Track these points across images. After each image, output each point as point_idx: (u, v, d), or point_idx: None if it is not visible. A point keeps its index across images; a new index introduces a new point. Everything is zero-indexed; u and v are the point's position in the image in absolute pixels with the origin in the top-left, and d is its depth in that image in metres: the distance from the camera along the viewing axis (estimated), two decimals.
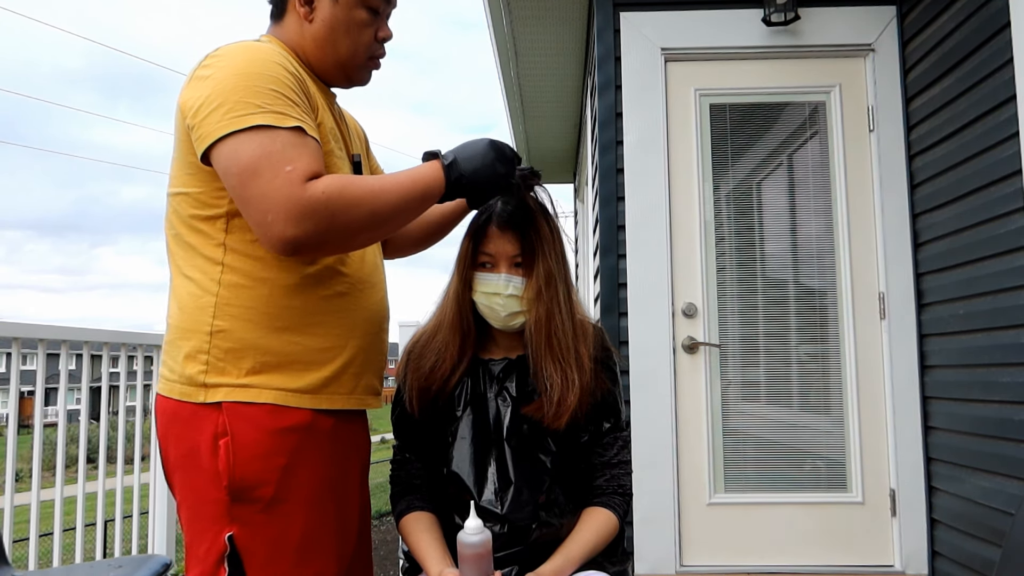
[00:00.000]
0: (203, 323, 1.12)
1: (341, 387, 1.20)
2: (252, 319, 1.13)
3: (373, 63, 1.29)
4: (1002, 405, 2.23)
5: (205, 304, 1.13)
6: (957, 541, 2.51)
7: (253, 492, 1.10)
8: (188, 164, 1.12)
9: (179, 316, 1.15)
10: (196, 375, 1.12)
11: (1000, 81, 2.23)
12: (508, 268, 1.33)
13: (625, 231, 2.86)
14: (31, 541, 2.34)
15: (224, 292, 1.13)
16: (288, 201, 1.00)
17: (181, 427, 1.13)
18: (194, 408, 1.12)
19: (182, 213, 1.15)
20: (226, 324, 1.12)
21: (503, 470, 1.33)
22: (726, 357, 2.86)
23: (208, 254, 1.14)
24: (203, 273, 1.13)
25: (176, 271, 1.17)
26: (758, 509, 2.78)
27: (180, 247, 1.16)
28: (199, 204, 1.13)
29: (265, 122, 1.04)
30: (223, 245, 1.14)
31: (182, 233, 1.16)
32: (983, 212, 2.32)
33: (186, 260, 1.15)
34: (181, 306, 1.15)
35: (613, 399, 1.40)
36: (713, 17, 2.92)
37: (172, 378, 1.15)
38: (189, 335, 1.13)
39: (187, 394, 1.13)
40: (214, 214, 1.13)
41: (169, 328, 1.18)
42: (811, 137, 2.94)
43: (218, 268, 1.13)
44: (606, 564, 1.37)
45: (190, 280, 1.14)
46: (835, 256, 2.88)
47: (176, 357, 1.14)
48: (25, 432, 13.53)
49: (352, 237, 1.08)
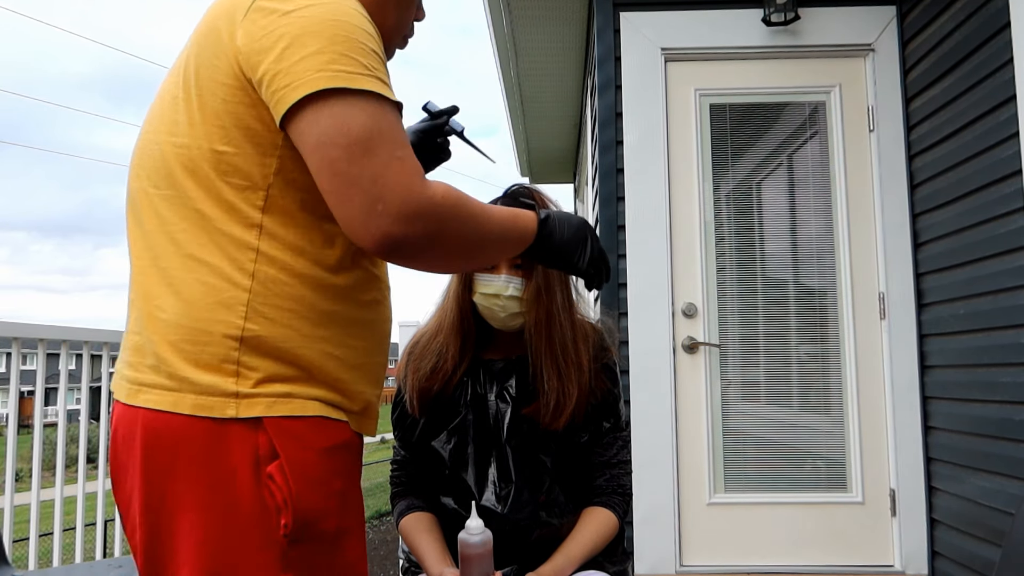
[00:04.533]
0: (229, 324, 0.87)
1: (373, 411, 1.02)
2: (291, 325, 0.89)
3: (404, 42, 1.16)
4: (1002, 405, 2.23)
5: (231, 300, 0.87)
6: (957, 541, 2.51)
7: (316, 527, 0.88)
8: (227, 114, 0.88)
9: (182, 310, 0.87)
10: (222, 383, 0.86)
11: (1000, 81, 2.23)
12: (508, 269, 1.33)
13: (625, 231, 2.86)
14: (31, 541, 2.34)
15: (258, 287, 0.88)
16: (406, 193, 0.82)
17: (198, 450, 0.85)
18: (219, 425, 0.85)
19: (202, 173, 0.88)
20: (260, 329, 0.88)
21: (503, 470, 1.33)
22: (726, 357, 2.86)
23: (237, 235, 0.88)
24: (228, 259, 0.88)
25: (172, 249, 0.89)
26: (758, 509, 2.78)
27: (188, 218, 0.89)
28: (231, 169, 0.88)
29: (376, 89, 0.84)
30: (259, 227, 0.89)
31: (196, 200, 0.88)
32: (983, 212, 2.32)
33: (198, 237, 0.88)
34: (186, 297, 0.88)
35: (613, 399, 1.40)
36: (713, 17, 2.92)
37: (173, 386, 0.87)
38: (204, 337, 0.87)
39: (208, 407, 0.85)
40: (251, 184, 0.88)
41: (156, 323, 0.89)
42: (811, 137, 2.94)
43: (250, 255, 0.88)
44: (606, 564, 1.38)
45: (204, 265, 0.88)
46: (835, 256, 2.88)
47: (177, 361, 0.87)
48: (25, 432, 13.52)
49: (450, 256, 0.91)
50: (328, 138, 0.82)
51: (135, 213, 0.94)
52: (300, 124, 0.83)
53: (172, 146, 0.90)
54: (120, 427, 0.92)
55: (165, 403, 0.87)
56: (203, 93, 0.89)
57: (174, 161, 0.90)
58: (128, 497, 0.92)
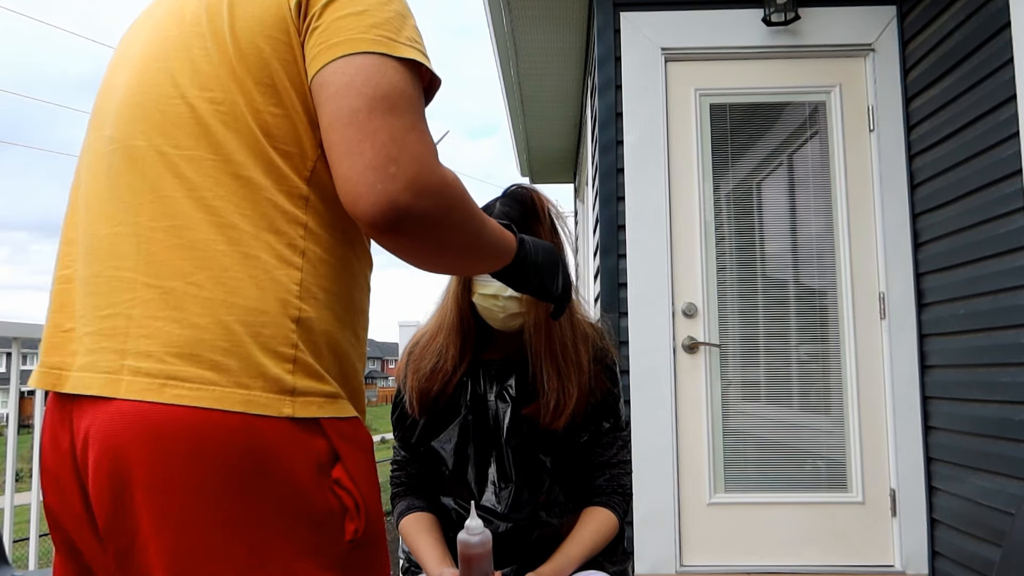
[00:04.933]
0: (286, 304, 0.76)
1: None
2: (332, 310, 0.81)
3: None
4: (1002, 405, 2.23)
5: (285, 278, 0.77)
6: (957, 541, 2.51)
7: (375, 528, 0.82)
8: (276, 72, 0.80)
9: (228, 287, 0.75)
10: (278, 373, 0.74)
11: (1000, 81, 2.23)
12: None
13: (625, 231, 2.86)
14: (31, 541, 2.35)
15: (307, 266, 0.79)
16: (423, 163, 0.75)
17: (251, 456, 0.72)
18: (277, 426, 0.73)
19: (248, 134, 0.78)
20: (312, 311, 0.78)
21: (503, 470, 1.33)
22: (726, 357, 2.86)
23: (286, 207, 0.78)
24: (276, 232, 0.77)
25: (205, 218, 0.76)
26: (758, 509, 2.78)
27: (227, 185, 0.77)
28: (280, 133, 0.79)
29: (417, 58, 0.80)
30: (305, 200, 0.80)
31: (240, 164, 0.77)
32: (983, 212, 2.32)
33: (240, 206, 0.77)
34: (232, 273, 0.75)
35: (613, 399, 1.40)
36: (713, 17, 2.92)
37: (215, 379, 0.72)
38: (261, 318, 0.75)
39: (263, 404, 0.73)
40: (299, 151, 0.80)
41: (191, 302, 0.74)
42: (811, 137, 2.94)
43: (299, 230, 0.79)
44: (606, 564, 1.38)
45: (252, 238, 0.76)
46: (835, 256, 2.88)
47: (224, 346, 0.74)
48: (25, 432, 13.50)
49: (443, 246, 0.83)
50: (353, 87, 0.75)
51: (135, 174, 0.79)
52: (325, 74, 0.77)
53: (207, 102, 0.78)
54: (107, 436, 0.72)
55: (207, 399, 0.71)
56: (242, 44, 0.80)
57: (212, 119, 0.78)
58: (123, 533, 0.73)
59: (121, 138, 0.81)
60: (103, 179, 0.82)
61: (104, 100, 0.88)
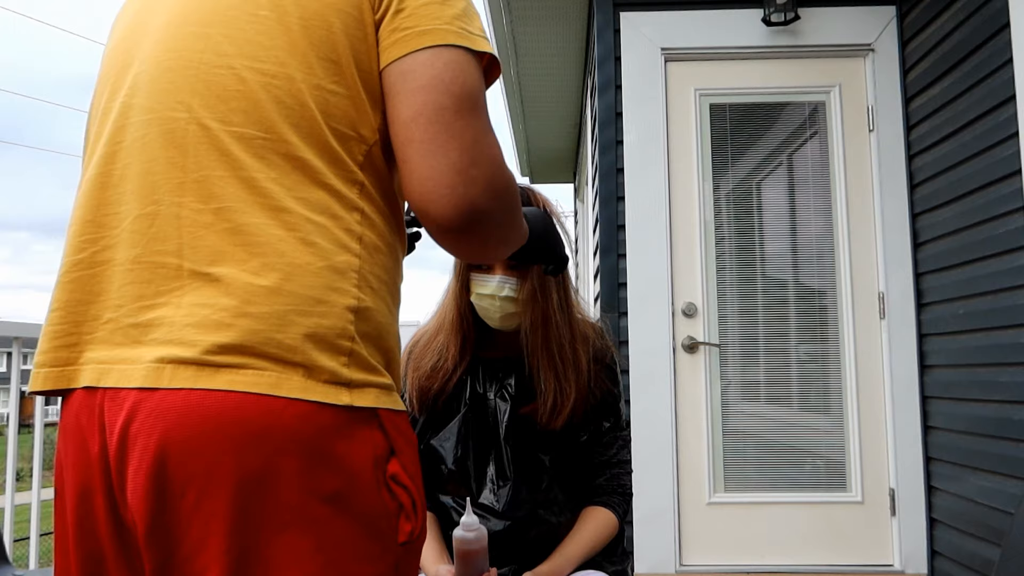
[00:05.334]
0: (344, 293, 0.71)
1: None
2: (384, 300, 0.77)
3: None
4: (1002, 405, 2.23)
5: (343, 265, 0.72)
6: (957, 540, 2.51)
7: (424, 534, 0.78)
8: (343, 48, 0.75)
9: (284, 273, 0.69)
10: (335, 364, 0.70)
11: (1000, 81, 2.23)
12: (504, 270, 1.32)
13: (625, 231, 2.86)
14: (32, 540, 2.35)
15: (364, 254, 0.75)
16: (499, 166, 0.75)
17: (310, 446, 0.67)
18: (335, 416, 0.69)
19: (306, 113, 0.73)
20: (369, 301, 0.74)
21: (501, 468, 1.34)
22: (726, 357, 2.87)
23: (342, 191, 0.74)
24: (333, 218, 0.73)
25: (256, 200, 0.71)
26: (758, 509, 2.78)
27: (280, 166, 0.71)
28: (339, 114, 0.74)
29: (493, 52, 0.79)
30: (360, 185, 0.75)
31: (295, 145, 0.72)
32: (983, 212, 2.32)
33: (295, 190, 0.72)
34: (289, 259, 0.70)
35: (613, 399, 1.40)
36: (713, 17, 2.92)
37: (271, 366, 0.67)
38: (319, 307, 0.70)
39: (322, 392, 0.69)
40: (356, 135, 0.75)
41: (242, 288, 0.68)
42: (811, 137, 2.94)
43: (356, 216, 0.75)
44: (605, 564, 1.38)
45: (308, 222, 0.72)
46: (835, 256, 2.88)
47: (279, 335, 0.68)
48: (26, 431, 13.56)
49: (500, 244, 0.83)
50: (442, 83, 0.73)
51: (174, 148, 0.72)
52: (411, 63, 0.74)
53: (260, 75, 0.73)
54: (152, 431, 0.65)
55: (263, 384, 0.66)
56: (309, 16, 0.75)
57: (264, 94, 0.72)
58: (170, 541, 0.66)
59: (156, 108, 0.74)
60: (134, 152, 0.74)
61: (122, 64, 0.79)
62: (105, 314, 0.71)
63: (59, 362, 0.73)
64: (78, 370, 0.72)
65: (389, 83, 0.75)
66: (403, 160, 0.73)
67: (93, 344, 0.71)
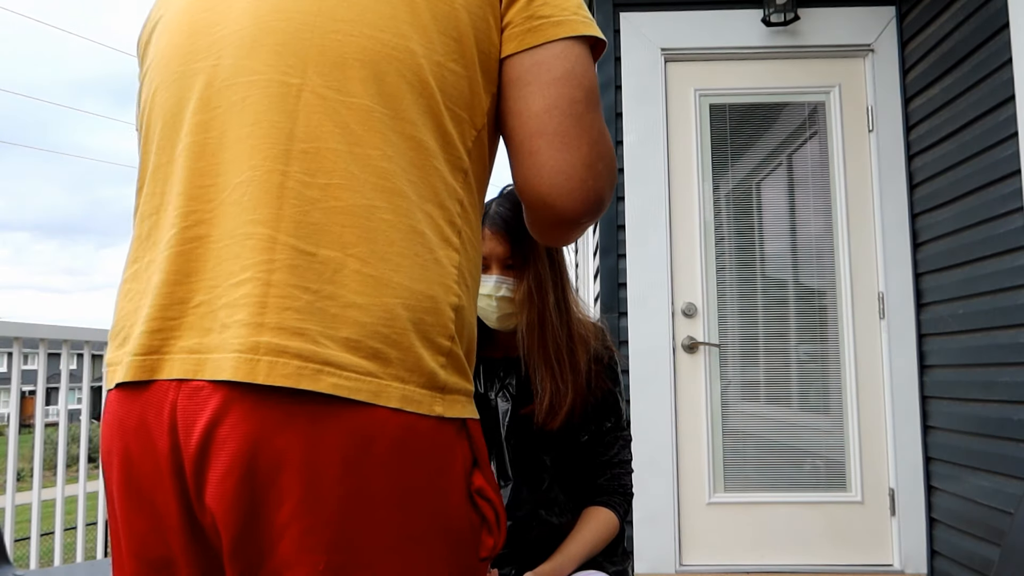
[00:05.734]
0: (448, 289, 0.67)
1: None
2: (474, 300, 0.72)
3: None
4: (1002, 405, 2.24)
5: (446, 260, 0.67)
6: (956, 540, 2.51)
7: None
8: (467, 27, 0.70)
9: (394, 264, 0.64)
10: (436, 372, 0.65)
11: (999, 81, 2.23)
12: (500, 270, 1.32)
13: (625, 231, 2.87)
14: (32, 540, 2.35)
15: (463, 248, 0.70)
16: (613, 158, 0.75)
17: (409, 459, 0.63)
18: (430, 426, 0.64)
19: (426, 90, 0.68)
20: (465, 300, 0.69)
21: (502, 468, 1.34)
22: (726, 357, 2.87)
23: (448, 178, 0.69)
24: (439, 206, 0.68)
25: (370, 180, 0.64)
26: (758, 508, 2.79)
27: (395, 144, 0.66)
28: (457, 94, 0.70)
29: (602, 38, 0.76)
30: (465, 173, 0.71)
31: (412, 122, 0.66)
32: (982, 212, 2.32)
33: (408, 170, 0.66)
34: (398, 248, 0.64)
35: (614, 399, 1.40)
36: (713, 17, 2.92)
37: (374, 370, 0.62)
38: (426, 303, 0.65)
39: (416, 401, 0.63)
40: (470, 119, 0.71)
41: (354, 278, 0.62)
42: (811, 137, 2.94)
43: (458, 207, 0.69)
44: (606, 564, 1.38)
45: (417, 208, 0.66)
46: (835, 256, 2.88)
47: (390, 334, 0.62)
48: (26, 432, 13.58)
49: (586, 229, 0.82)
50: (575, 76, 0.71)
51: (282, 113, 0.65)
52: (545, 55, 0.71)
53: (382, 45, 0.67)
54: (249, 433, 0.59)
55: (365, 392, 0.61)
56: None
57: (388, 66, 0.66)
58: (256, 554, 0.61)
59: (261, 70, 0.67)
60: (232, 116, 0.67)
61: (203, 24, 0.72)
62: (195, 296, 0.64)
63: (145, 350, 0.65)
64: (162, 360, 0.64)
65: (518, 72, 0.72)
66: (530, 151, 0.71)
67: (180, 331, 0.64)
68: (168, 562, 0.65)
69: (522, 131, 0.72)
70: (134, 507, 0.64)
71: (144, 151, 0.74)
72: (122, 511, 0.65)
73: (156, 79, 0.73)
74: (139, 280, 0.69)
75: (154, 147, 0.72)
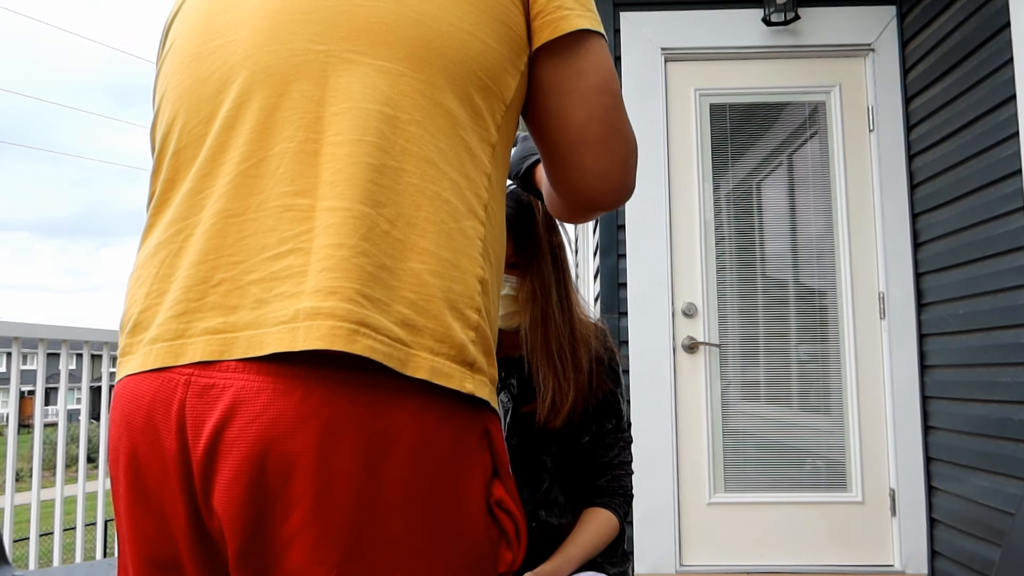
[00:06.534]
0: (474, 260, 0.64)
1: None
2: (497, 278, 0.70)
3: None
4: (1002, 405, 2.23)
5: (471, 231, 0.65)
6: (957, 541, 2.51)
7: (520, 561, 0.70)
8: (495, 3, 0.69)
9: (423, 230, 0.61)
10: (467, 345, 0.61)
11: (1000, 81, 2.23)
12: (504, 269, 1.32)
13: (625, 231, 2.87)
14: (31, 541, 2.35)
15: (488, 223, 0.68)
16: (636, 143, 0.78)
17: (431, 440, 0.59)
18: (458, 408, 0.61)
19: (464, 63, 0.66)
20: (489, 276, 0.67)
21: None
22: (726, 357, 2.87)
23: (475, 149, 0.67)
24: (467, 178, 0.66)
25: (395, 136, 0.62)
26: (758, 509, 2.78)
27: (427, 110, 0.64)
28: (488, 67, 0.68)
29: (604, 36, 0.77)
30: (493, 148, 0.70)
31: (443, 92, 0.65)
32: (983, 212, 2.32)
33: (437, 139, 0.64)
34: (426, 214, 0.62)
35: (615, 400, 1.40)
36: (713, 17, 2.92)
37: (404, 337, 0.58)
38: (453, 272, 0.62)
39: (446, 374, 0.59)
40: (499, 94, 0.70)
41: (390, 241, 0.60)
42: (811, 137, 2.94)
43: (485, 181, 0.68)
44: (606, 565, 1.38)
45: (445, 177, 0.64)
46: (835, 256, 2.88)
47: (421, 300, 0.60)
48: (25, 432, 13.57)
49: None
50: (607, 84, 0.74)
51: (310, 81, 0.63)
52: (577, 60, 0.72)
53: (411, 10, 0.66)
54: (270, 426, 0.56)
55: (395, 359, 0.57)
56: None
57: (416, 32, 0.66)
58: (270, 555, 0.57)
59: (287, 39, 0.65)
60: (256, 87, 0.65)
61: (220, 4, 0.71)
62: (216, 275, 0.61)
63: (171, 335, 0.61)
64: (185, 345, 0.60)
65: (557, 81, 0.73)
66: (573, 158, 0.74)
67: (202, 312, 0.60)
68: (175, 563, 0.62)
69: (564, 138, 0.74)
70: (141, 507, 0.62)
71: (163, 135, 0.72)
72: (129, 511, 0.63)
73: (176, 60, 0.72)
74: (149, 265, 0.66)
75: (173, 130, 0.70)
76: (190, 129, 0.67)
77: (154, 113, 0.76)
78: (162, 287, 0.64)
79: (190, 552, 0.61)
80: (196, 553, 0.61)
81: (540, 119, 0.75)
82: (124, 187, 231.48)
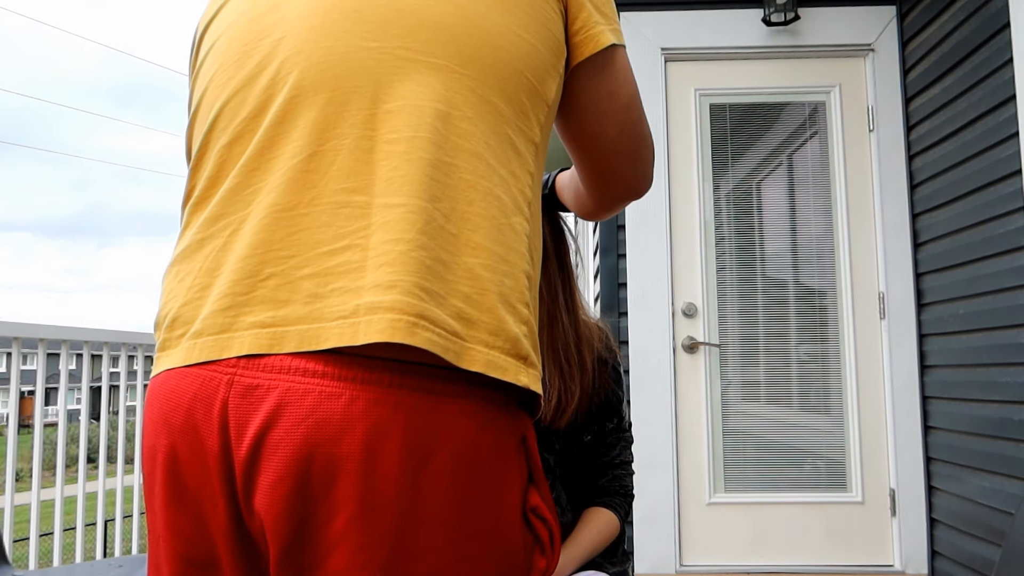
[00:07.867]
0: (521, 255, 0.64)
1: None
2: (537, 271, 0.69)
3: None
4: (1002, 405, 2.23)
5: (519, 227, 0.65)
6: (957, 541, 2.51)
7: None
8: (538, 8, 0.70)
9: (475, 224, 0.62)
10: (520, 339, 0.61)
11: (1000, 81, 2.23)
12: None
13: (625, 231, 2.87)
14: (31, 541, 2.35)
15: (532, 220, 0.68)
16: (653, 140, 0.86)
17: (479, 439, 0.59)
18: (494, 410, 0.61)
19: (512, 61, 0.67)
20: (533, 270, 0.67)
21: None
22: (726, 357, 2.87)
23: (520, 147, 0.68)
24: (511, 174, 0.66)
25: (447, 132, 0.63)
26: (758, 509, 2.78)
27: (476, 106, 0.65)
28: (533, 67, 0.68)
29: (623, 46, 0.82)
30: (536, 147, 0.70)
31: (490, 88, 0.65)
32: (983, 212, 2.32)
33: (486, 135, 0.65)
34: (479, 209, 0.62)
35: (616, 400, 1.40)
36: (713, 17, 2.92)
37: (460, 330, 0.58)
38: (504, 266, 0.62)
39: (501, 367, 0.59)
40: (542, 95, 0.70)
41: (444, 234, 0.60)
42: (811, 137, 2.94)
43: (528, 179, 0.68)
44: (606, 565, 1.38)
45: (494, 173, 0.64)
46: (835, 256, 2.88)
47: (476, 294, 0.60)
48: (25, 432, 13.58)
49: None
50: (633, 100, 0.79)
51: (361, 77, 0.63)
52: (610, 80, 0.77)
53: (460, 9, 0.66)
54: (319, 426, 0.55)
55: (452, 352, 0.57)
56: None
57: (464, 29, 0.66)
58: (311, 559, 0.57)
59: (337, 35, 0.65)
60: (307, 86, 0.64)
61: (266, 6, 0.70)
62: (265, 269, 0.60)
63: (217, 329, 0.60)
64: (232, 339, 0.59)
65: (593, 98, 0.77)
66: (607, 165, 0.82)
67: (250, 306, 0.59)
68: (212, 562, 0.62)
69: (600, 149, 0.81)
70: (179, 505, 0.61)
71: (206, 132, 0.70)
72: (165, 509, 0.62)
73: (220, 58, 0.71)
74: (191, 260, 0.65)
75: (217, 126, 0.69)
76: (237, 125, 0.66)
77: (192, 112, 0.75)
78: (206, 281, 0.63)
79: (229, 551, 0.61)
80: (235, 552, 0.61)
81: (576, 132, 0.81)
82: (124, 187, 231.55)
